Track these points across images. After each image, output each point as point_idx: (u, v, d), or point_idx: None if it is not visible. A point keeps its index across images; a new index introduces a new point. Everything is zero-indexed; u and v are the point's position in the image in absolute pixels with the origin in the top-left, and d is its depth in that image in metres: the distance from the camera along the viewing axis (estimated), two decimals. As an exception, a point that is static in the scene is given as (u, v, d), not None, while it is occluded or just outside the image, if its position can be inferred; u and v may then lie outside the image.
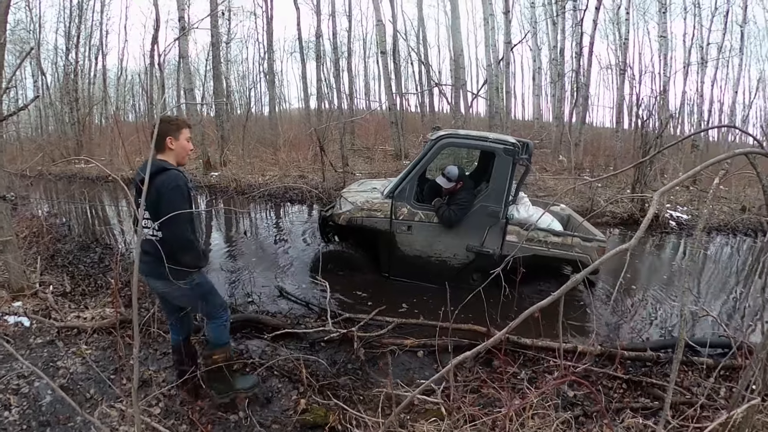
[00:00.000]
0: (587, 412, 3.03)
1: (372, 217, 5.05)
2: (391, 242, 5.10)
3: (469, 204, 4.88)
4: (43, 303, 4.21)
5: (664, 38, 13.76)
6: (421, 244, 5.08)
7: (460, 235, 4.97)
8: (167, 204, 2.39)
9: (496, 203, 4.83)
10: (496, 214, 4.85)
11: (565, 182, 11.84)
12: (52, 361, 3.35)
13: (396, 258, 5.16)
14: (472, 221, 4.91)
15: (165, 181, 2.44)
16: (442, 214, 4.88)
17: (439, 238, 5.03)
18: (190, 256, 2.55)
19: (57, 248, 6.07)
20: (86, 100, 17.65)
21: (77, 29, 17.15)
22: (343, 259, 5.37)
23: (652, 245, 8.09)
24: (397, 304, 4.80)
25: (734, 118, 18.10)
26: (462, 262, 5.07)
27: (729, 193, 12.11)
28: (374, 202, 5.10)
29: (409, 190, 5.01)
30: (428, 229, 5.02)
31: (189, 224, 2.53)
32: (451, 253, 5.06)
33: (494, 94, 12.80)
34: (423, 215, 5.01)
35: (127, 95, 23.03)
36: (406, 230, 5.05)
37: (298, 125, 18.68)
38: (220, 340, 2.86)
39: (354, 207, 5.12)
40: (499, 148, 4.75)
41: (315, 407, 2.94)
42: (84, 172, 13.14)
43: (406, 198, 5.01)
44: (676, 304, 5.27)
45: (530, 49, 23.48)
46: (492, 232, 4.91)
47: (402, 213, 5.01)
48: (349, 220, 5.09)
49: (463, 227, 4.94)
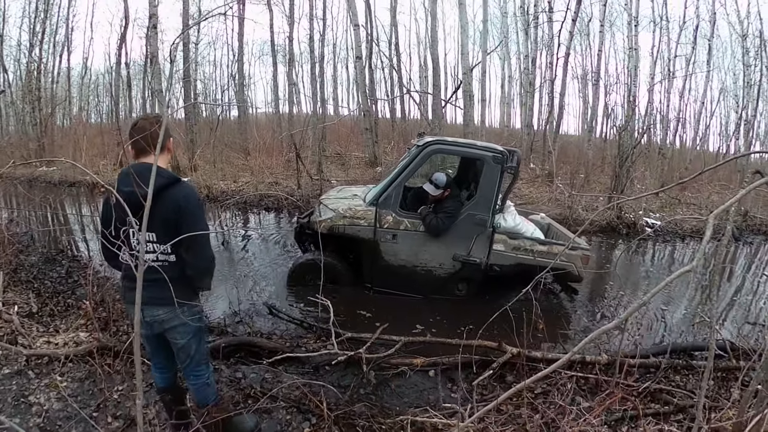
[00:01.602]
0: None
1: (355, 225, 4.85)
2: (375, 251, 4.91)
3: (456, 212, 4.78)
4: (7, 326, 3.74)
5: (635, 50, 14.09)
6: (407, 254, 4.92)
7: (447, 244, 4.86)
8: (195, 223, 2.06)
9: (483, 212, 4.76)
10: (483, 222, 4.77)
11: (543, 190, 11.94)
12: (23, 396, 2.93)
13: (379, 268, 4.97)
14: (459, 230, 4.81)
15: (188, 197, 2.11)
16: (429, 222, 4.74)
17: (425, 247, 4.89)
18: (211, 277, 2.30)
19: (20, 261, 5.55)
20: (49, 100, 16.71)
21: (42, 24, 16.24)
22: (322, 269, 5.08)
23: (631, 252, 8.17)
24: (390, 319, 4.47)
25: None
26: (448, 272, 4.96)
27: (696, 200, 12.50)
28: (357, 210, 4.91)
29: (395, 198, 4.86)
30: (414, 237, 4.87)
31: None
32: (438, 262, 4.93)
33: (468, 102, 12.79)
34: (409, 223, 4.86)
35: (91, 95, 21.99)
36: (391, 239, 4.87)
37: (268, 130, 18.25)
38: (206, 400, 2.49)
39: (336, 214, 4.91)
40: (488, 156, 4.68)
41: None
42: (47, 176, 12.36)
43: (392, 206, 4.85)
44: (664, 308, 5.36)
45: (500, 58, 23.83)
46: (479, 240, 4.83)
47: (387, 221, 4.84)
48: (330, 228, 4.86)
49: (449, 236, 4.83)
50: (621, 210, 9.62)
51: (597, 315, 5.22)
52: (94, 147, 14.37)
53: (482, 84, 18.20)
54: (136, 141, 2.11)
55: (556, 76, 15.44)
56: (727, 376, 3.57)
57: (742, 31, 15.83)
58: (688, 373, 3.65)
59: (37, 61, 16.13)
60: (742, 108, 16.49)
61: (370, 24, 15.96)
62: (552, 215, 9.88)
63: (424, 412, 2.96)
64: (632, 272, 7.01)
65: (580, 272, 4.79)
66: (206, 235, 2.12)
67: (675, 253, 8.53)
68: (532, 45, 16.90)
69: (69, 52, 18.38)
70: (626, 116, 12.65)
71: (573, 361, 3.58)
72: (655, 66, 16.99)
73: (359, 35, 12.94)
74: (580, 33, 20.17)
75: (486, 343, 3.67)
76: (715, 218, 1.70)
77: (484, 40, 13.60)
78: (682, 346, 4.00)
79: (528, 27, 16.94)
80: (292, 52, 17.51)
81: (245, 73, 19.47)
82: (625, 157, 10.04)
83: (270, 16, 17.70)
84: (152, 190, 1.72)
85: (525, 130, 17.22)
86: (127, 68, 15.27)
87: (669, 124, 17.89)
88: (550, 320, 4.86)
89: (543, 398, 3.21)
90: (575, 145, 18.48)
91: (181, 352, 2.35)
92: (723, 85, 20.82)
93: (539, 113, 19.05)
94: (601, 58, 15.65)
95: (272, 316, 4.47)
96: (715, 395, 3.21)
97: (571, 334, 4.58)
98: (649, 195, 7.20)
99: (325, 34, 18.95)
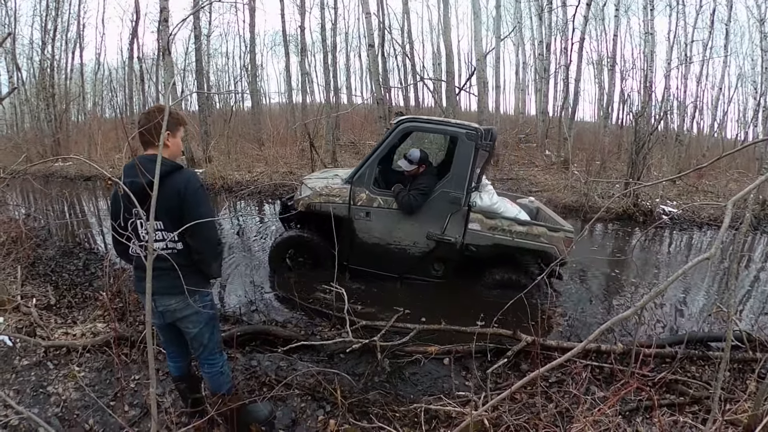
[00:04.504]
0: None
1: (330, 202, 4.85)
2: (350, 229, 4.90)
3: (429, 189, 4.72)
4: (26, 318, 3.81)
5: (651, 35, 13.78)
6: (380, 231, 4.89)
7: (420, 222, 4.80)
8: (196, 207, 2.10)
9: (457, 189, 4.66)
10: (457, 200, 4.67)
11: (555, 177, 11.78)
12: (42, 386, 2.99)
13: (354, 246, 4.96)
14: (432, 208, 4.74)
15: (188, 182, 2.12)
16: (401, 199, 4.71)
17: (398, 225, 4.85)
18: (220, 261, 2.31)
19: (38, 255, 5.64)
20: (63, 96, 16.89)
21: (54, 22, 16.39)
22: (303, 246, 5.15)
23: (646, 240, 8.03)
24: (396, 305, 4.54)
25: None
26: (422, 251, 4.90)
27: (714, 187, 12.23)
28: (333, 188, 4.93)
29: (368, 175, 4.84)
30: (387, 215, 4.84)
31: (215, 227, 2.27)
32: (411, 240, 4.88)
33: (482, 89, 12.62)
34: (382, 201, 4.84)
35: (105, 90, 22.18)
36: (365, 216, 4.87)
37: (281, 120, 18.28)
38: (221, 389, 2.50)
39: (313, 192, 4.94)
40: (461, 133, 4.62)
41: (348, 428, 2.66)
42: (63, 171, 12.55)
43: (365, 183, 4.84)
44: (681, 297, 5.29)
45: (513, 44, 23.52)
46: (453, 219, 4.75)
47: (361, 198, 4.84)
48: (308, 206, 4.90)
49: (423, 214, 4.77)
50: (637, 197, 9.46)
51: (612, 303, 5.15)
52: (109, 141, 14.54)
53: (496, 71, 18.00)
54: (141, 134, 2.16)
55: (570, 62, 15.22)
56: (743, 367, 3.49)
57: (760, 15, 15.32)
58: (704, 364, 3.58)
59: (50, 59, 16.28)
60: (760, 94, 16.04)
61: (381, 11, 15.85)
62: (568, 202, 9.82)
63: (438, 400, 2.95)
64: (648, 260, 6.90)
65: (563, 255, 4.62)
66: (211, 218, 2.12)
67: (692, 241, 8.37)
68: (546, 30, 16.64)
69: (81, 49, 18.52)
70: (643, 102, 12.43)
71: (588, 350, 3.54)
72: (672, 51, 16.60)
73: (371, 23, 12.79)
74: (595, 17, 19.79)
75: (501, 331, 3.64)
76: (734, 205, 1.65)
77: (498, 25, 13.39)
78: (698, 336, 3.92)
79: (542, 12, 16.66)
80: (304, 41, 17.41)
81: (258, 63, 19.46)
82: (641, 144, 9.86)
83: (281, 6, 17.61)
84: (158, 179, 1.74)
85: (540, 116, 16.99)
86: (140, 62, 15.33)
87: (686, 111, 17.48)
88: (565, 308, 4.84)
89: (557, 387, 3.18)
90: (591, 132, 18.23)
91: (194, 341, 2.37)
92: (741, 71, 20.34)
93: (554, 99, 18.83)
94: (617, 43, 15.31)
95: (287, 304, 4.49)
96: (731, 387, 3.15)
97: (586, 322, 4.52)
98: (666, 181, 7.05)
99: (337, 23, 18.88)
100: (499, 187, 10.19)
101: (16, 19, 16.80)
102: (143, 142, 2.20)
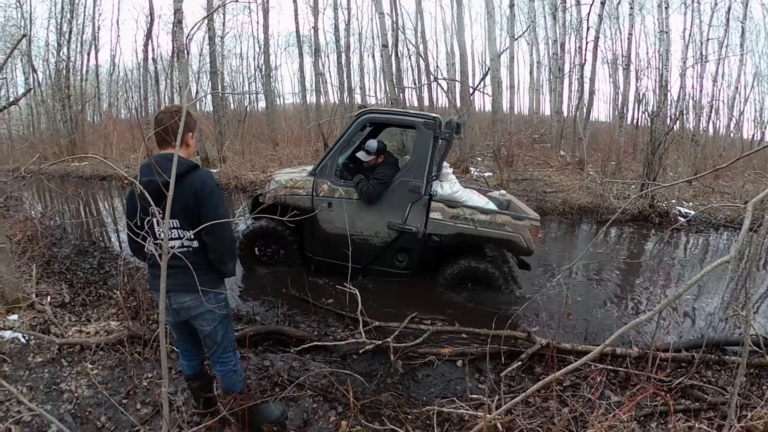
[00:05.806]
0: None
1: (294, 194, 4.94)
2: (313, 220, 4.91)
3: (388, 179, 4.74)
4: (41, 316, 3.85)
5: (666, 34, 13.57)
6: (342, 222, 4.86)
7: (381, 212, 4.82)
8: (212, 207, 2.11)
9: (417, 178, 4.69)
10: (417, 189, 4.69)
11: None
12: (55, 383, 3.01)
13: (318, 237, 5.00)
14: (393, 197, 4.76)
15: (204, 182, 2.13)
16: (361, 189, 4.75)
17: (359, 215, 4.87)
18: (235, 260, 2.33)
19: (53, 253, 5.71)
20: (78, 97, 17.15)
21: (69, 24, 16.67)
22: (269, 237, 5.22)
23: (663, 242, 7.89)
24: (417, 309, 4.45)
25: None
26: (384, 241, 4.90)
27: (731, 188, 12.00)
28: (297, 180, 5.01)
29: (330, 167, 4.92)
30: (349, 205, 4.87)
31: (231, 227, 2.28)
32: (373, 231, 4.90)
33: (496, 89, 12.56)
34: (343, 191, 4.89)
35: (120, 91, 22.49)
36: (327, 207, 4.91)
37: (295, 120, 18.34)
38: (233, 388, 2.50)
39: (278, 185, 5.01)
40: (419, 122, 4.66)
41: (359, 429, 2.64)
42: (78, 171, 12.72)
43: (327, 174, 4.92)
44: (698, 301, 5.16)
45: (528, 44, 23.33)
46: (415, 208, 4.75)
47: (323, 189, 4.91)
48: (274, 199, 4.94)
49: (384, 204, 4.80)
50: (654, 198, 9.31)
51: (628, 306, 5.06)
52: (124, 141, 14.73)
53: (510, 70, 17.92)
54: (157, 133, 2.17)
55: (585, 61, 15.02)
56: (760, 373, 3.40)
57: (775, 13, 15.05)
58: (720, 369, 3.48)
59: (66, 60, 16.56)
60: (776, 93, 15.74)
61: (395, 12, 15.82)
62: (583, 203, 9.69)
63: (451, 402, 2.92)
64: (665, 263, 6.78)
65: (528, 244, 4.55)
66: (226, 217, 2.13)
67: (709, 244, 8.22)
68: (560, 29, 16.47)
69: (96, 50, 18.86)
70: (658, 102, 12.23)
71: (604, 354, 3.47)
72: (687, 50, 16.33)
73: (384, 23, 12.79)
74: (609, 16, 19.54)
75: (515, 334, 3.60)
76: (754, 207, 1.60)
77: (512, 25, 13.29)
78: (715, 340, 3.81)
79: (556, 11, 16.50)
80: (317, 42, 17.54)
81: (271, 64, 19.54)
82: (657, 144, 9.69)
83: (294, 7, 17.65)
84: (174, 178, 1.74)
85: (554, 116, 16.85)
86: (155, 64, 15.50)
87: (702, 110, 17.18)
88: (581, 311, 4.77)
89: (572, 391, 3.13)
90: (606, 132, 17.99)
91: (208, 339, 2.37)
92: (757, 70, 19.84)
93: (569, 99, 18.62)
94: (632, 42, 15.10)
95: (300, 305, 4.49)
96: (748, 393, 3.07)
97: (602, 325, 4.44)
98: (682, 182, 6.91)
99: (350, 24, 18.93)
100: (514, 188, 10.14)
101: (32, 22, 17.12)
102: (159, 141, 2.21)
